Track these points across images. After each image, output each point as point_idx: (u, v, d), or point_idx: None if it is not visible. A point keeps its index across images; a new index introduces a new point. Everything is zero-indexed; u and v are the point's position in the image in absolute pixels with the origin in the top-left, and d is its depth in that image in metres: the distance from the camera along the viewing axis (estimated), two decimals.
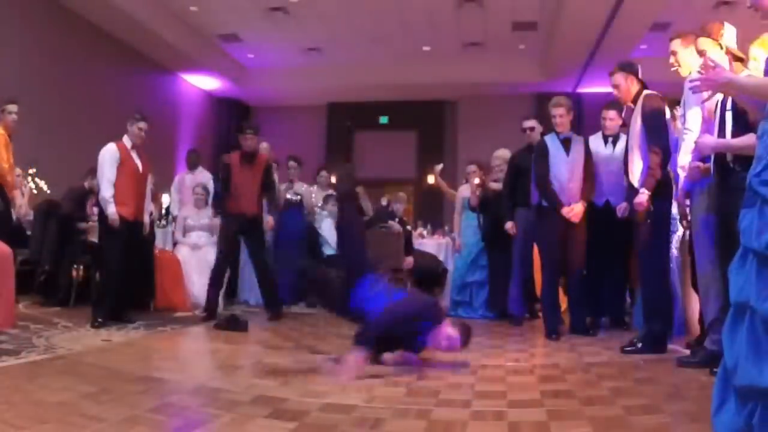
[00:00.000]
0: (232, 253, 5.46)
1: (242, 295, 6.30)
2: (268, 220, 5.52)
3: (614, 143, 4.72)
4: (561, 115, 4.57)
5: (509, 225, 5.21)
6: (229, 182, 5.30)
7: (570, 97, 5.21)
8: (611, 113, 4.70)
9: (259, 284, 5.46)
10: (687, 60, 3.48)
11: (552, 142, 4.62)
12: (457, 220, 6.06)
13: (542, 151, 4.63)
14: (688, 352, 3.59)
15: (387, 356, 3.38)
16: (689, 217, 3.58)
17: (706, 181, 3.20)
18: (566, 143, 4.58)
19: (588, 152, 4.62)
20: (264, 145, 6.70)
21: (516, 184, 5.24)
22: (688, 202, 3.54)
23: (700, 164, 3.22)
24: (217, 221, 6.17)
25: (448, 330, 3.25)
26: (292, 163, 6.78)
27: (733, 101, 2.89)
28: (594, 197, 4.62)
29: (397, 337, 3.31)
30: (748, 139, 2.78)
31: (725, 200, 2.95)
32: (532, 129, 5.26)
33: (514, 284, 5.26)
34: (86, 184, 5.84)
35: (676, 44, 3.56)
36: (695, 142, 3.15)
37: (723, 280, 2.98)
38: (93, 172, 5.28)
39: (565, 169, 4.53)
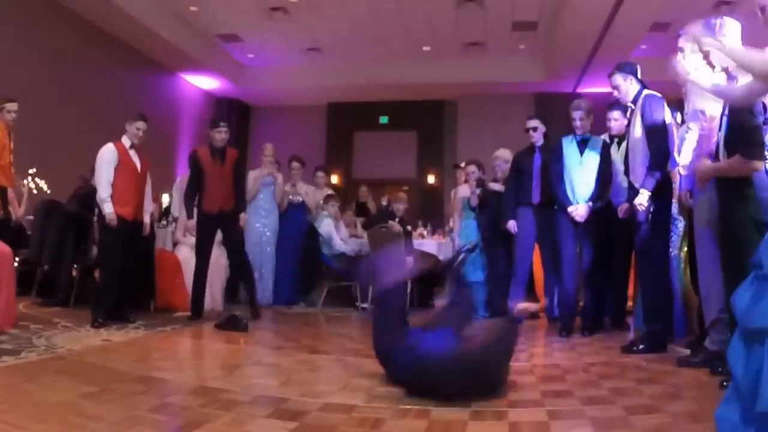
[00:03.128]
0: (211, 253, 5.25)
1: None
2: (242, 218, 5.25)
3: (619, 144, 4.71)
4: (581, 119, 4.61)
5: (511, 224, 5.21)
6: (201, 179, 5.15)
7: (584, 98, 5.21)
8: (615, 113, 4.70)
9: (242, 283, 5.34)
10: (693, 58, 3.45)
11: (568, 144, 4.69)
12: (457, 221, 6.05)
13: (557, 152, 4.70)
14: (688, 352, 3.58)
15: None
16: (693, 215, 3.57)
17: (710, 182, 3.19)
18: (583, 144, 4.64)
19: (605, 154, 4.64)
20: (268, 146, 6.70)
21: (518, 183, 5.26)
22: (690, 200, 3.54)
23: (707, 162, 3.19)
24: None
25: None
26: (295, 164, 6.77)
27: (729, 107, 2.88)
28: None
29: None
30: (736, 162, 2.80)
31: (722, 203, 2.95)
32: (535, 129, 5.26)
33: (514, 284, 5.26)
34: (92, 182, 5.82)
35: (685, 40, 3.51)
36: (695, 168, 3.17)
37: (724, 281, 2.98)
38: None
39: (577, 170, 4.59)
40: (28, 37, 7.51)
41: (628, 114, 4.56)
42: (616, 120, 4.72)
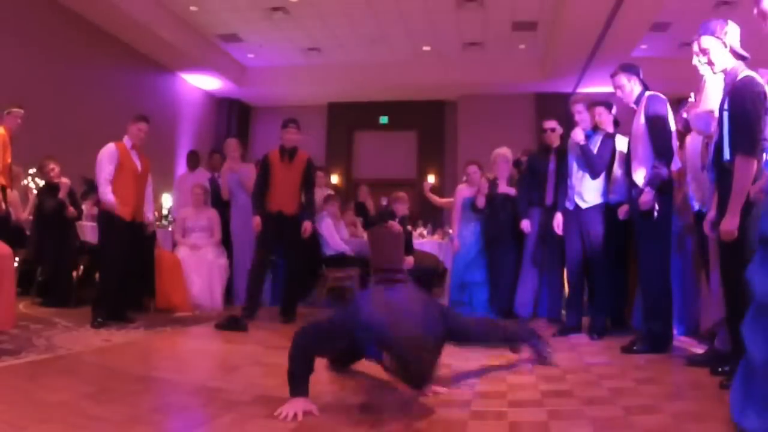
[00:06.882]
0: (268, 253, 5.27)
1: (240, 295, 6.27)
2: (305, 226, 5.18)
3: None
4: (600, 113, 4.64)
5: (525, 223, 5.20)
6: (267, 179, 5.18)
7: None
8: (600, 109, 4.70)
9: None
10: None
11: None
12: (456, 221, 6.04)
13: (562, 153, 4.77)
14: (694, 351, 3.59)
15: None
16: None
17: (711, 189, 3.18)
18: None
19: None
20: (230, 141, 6.63)
21: (532, 184, 5.27)
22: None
23: None
24: (217, 222, 6.17)
25: None
26: None
27: (730, 102, 2.89)
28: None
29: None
30: (742, 168, 2.76)
31: (723, 200, 2.94)
32: (553, 130, 5.23)
33: (522, 284, 5.24)
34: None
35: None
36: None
37: (726, 281, 2.98)
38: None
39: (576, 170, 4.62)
40: (28, 37, 7.51)
41: (613, 111, 4.62)
42: (600, 114, 4.71)
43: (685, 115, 3.71)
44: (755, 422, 1.77)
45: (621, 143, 4.58)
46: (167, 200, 9.52)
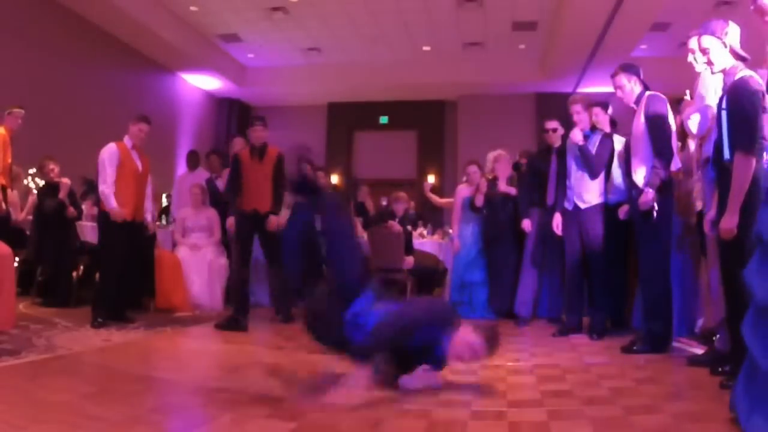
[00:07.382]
0: (248, 253, 5.10)
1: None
2: (270, 220, 5.08)
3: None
4: (597, 114, 4.62)
5: (526, 223, 5.20)
6: (239, 179, 5.08)
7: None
8: (597, 109, 4.69)
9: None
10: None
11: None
12: (455, 222, 6.04)
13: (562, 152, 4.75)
14: (694, 351, 3.59)
15: (405, 380, 2.82)
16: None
17: (710, 178, 3.18)
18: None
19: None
20: (237, 140, 6.63)
21: (533, 184, 5.27)
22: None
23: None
24: (216, 222, 6.17)
25: (468, 336, 2.64)
26: (305, 166, 6.73)
27: (728, 101, 2.89)
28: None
29: (410, 354, 2.73)
30: (740, 167, 2.76)
31: (723, 199, 2.94)
32: (554, 130, 5.22)
33: (522, 284, 5.24)
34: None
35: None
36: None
37: (726, 280, 2.97)
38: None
39: (575, 170, 4.61)
40: (28, 38, 7.51)
41: (609, 111, 4.62)
42: (596, 115, 4.70)
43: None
44: (760, 425, 1.77)
45: (617, 143, 4.59)
46: (164, 201, 9.50)
